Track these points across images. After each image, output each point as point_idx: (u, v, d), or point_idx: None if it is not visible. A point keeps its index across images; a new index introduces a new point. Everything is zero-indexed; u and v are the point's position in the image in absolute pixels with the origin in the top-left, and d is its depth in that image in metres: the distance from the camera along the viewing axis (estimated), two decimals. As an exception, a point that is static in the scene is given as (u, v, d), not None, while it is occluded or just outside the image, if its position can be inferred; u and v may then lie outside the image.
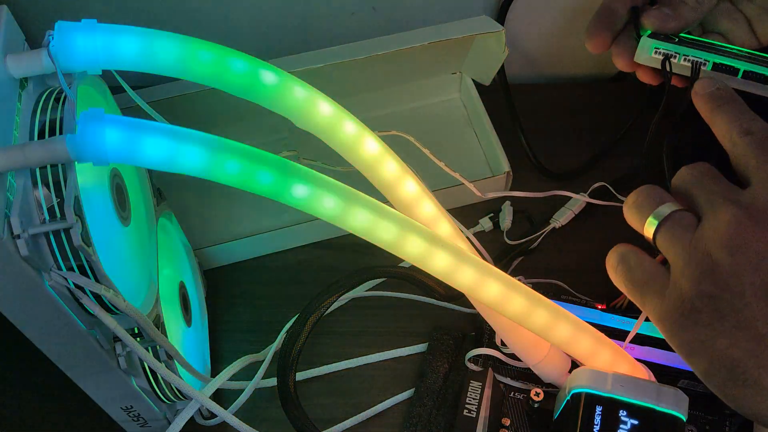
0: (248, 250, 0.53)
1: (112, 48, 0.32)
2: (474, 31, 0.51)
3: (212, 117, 0.55)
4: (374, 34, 0.62)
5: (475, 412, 0.43)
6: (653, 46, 0.43)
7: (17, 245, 0.29)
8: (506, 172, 0.54)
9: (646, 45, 0.44)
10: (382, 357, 0.48)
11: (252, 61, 0.36)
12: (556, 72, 0.66)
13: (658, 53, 0.43)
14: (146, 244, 0.41)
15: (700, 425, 0.43)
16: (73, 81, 0.32)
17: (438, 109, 0.60)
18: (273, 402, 0.46)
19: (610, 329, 0.44)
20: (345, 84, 0.56)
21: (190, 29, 0.61)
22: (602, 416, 0.37)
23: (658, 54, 0.43)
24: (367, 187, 0.40)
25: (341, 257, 0.53)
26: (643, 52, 0.44)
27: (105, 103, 0.38)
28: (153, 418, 0.43)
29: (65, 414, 0.47)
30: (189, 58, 0.34)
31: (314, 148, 0.57)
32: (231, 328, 0.50)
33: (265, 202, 0.33)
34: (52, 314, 0.33)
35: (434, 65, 0.57)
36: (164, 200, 0.45)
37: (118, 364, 0.37)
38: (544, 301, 0.37)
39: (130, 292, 0.36)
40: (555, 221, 0.53)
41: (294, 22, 0.61)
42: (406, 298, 0.51)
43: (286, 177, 0.32)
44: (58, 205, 0.31)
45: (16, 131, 0.31)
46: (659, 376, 0.40)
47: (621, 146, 0.57)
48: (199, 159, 0.31)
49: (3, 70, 0.31)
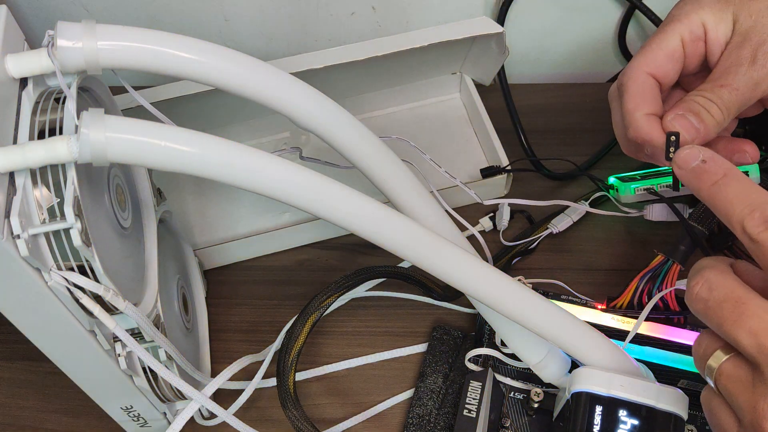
0: (248, 250, 0.53)
1: (113, 48, 0.32)
2: (474, 32, 0.51)
3: (213, 117, 0.55)
4: (374, 34, 0.62)
5: (475, 412, 0.43)
6: (633, 189, 0.49)
7: (17, 245, 0.29)
8: (506, 172, 0.54)
9: (628, 192, 0.49)
10: (382, 357, 0.48)
11: (253, 61, 0.36)
12: (556, 72, 0.66)
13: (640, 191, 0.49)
14: (146, 244, 0.41)
15: (700, 425, 0.43)
16: (73, 81, 0.32)
17: (438, 109, 0.60)
18: (273, 402, 0.46)
19: (610, 329, 0.44)
20: (345, 84, 0.56)
21: (190, 29, 0.61)
22: (602, 416, 0.37)
23: (640, 191, 0.49)
24: (368, 186, 0.40)
25: (341, 257, 0.53)
26: (627, 198, 0.50)
27: (105, 104, 0.38)
28: (153, 418, 0.43)
29: (65, 414, 0.47)
30: (190, 58, 0.34)
31: (315, 147, 0.57)
32: (231, 328, 0.50)
33: (265, 202, 0.34)
34: (52, 314, 0.33)
35: (434, 65, 0.57)
36: (164, 200, 0.45)
37: (118, 364, 0.37)
38: (544, 300, 0.37)
39: (129, 292, 0.36)
40: (553, 227, 0.53)
41: (294, 23, 0.61)
42: (406, 298, 0.51)
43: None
44: (58, 205, 0.31)
45: (16, 131, 0.31)
46: (659, 376, 0.40)
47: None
48: (199, 158, 0.31)
49: (3, 70, 0.31)
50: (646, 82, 0.41)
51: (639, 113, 0.40)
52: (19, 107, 0.32)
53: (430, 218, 0.40)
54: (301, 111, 0.37)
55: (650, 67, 0.41)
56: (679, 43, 0.41)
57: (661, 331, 0.44)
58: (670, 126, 0.39)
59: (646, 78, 0.41)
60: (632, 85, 0.41)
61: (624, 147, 0.43)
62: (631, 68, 0.41)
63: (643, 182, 0.50)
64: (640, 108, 0.40)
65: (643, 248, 0.52)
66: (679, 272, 0.45)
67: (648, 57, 0.41)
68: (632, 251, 0.52)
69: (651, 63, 0.41)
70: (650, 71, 0.41)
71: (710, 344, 0.32)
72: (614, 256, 0.52)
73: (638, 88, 0.40)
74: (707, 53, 0.41)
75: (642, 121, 0.40)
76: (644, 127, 0.40)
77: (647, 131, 0.39)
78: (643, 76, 0.41)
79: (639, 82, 0.40)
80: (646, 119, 0.40)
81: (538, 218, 0.54)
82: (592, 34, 0.63)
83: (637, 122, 0.40)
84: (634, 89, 0.40)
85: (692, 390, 0.43)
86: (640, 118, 0.40)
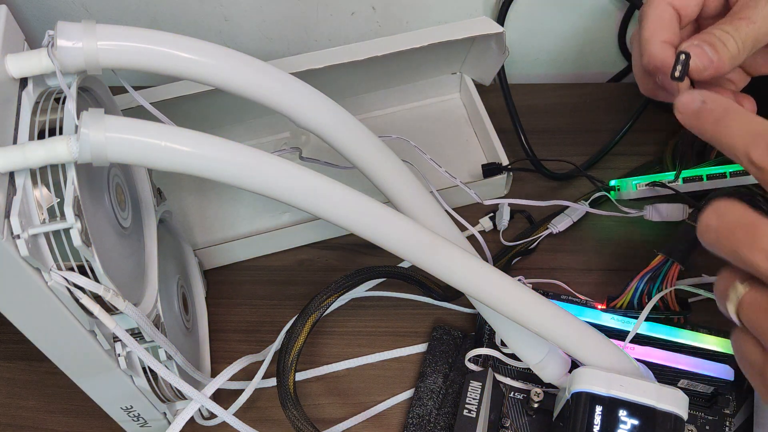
0: (248, 250, 0.53)
1: (113, 48, 0.32)
2: (474, 32, 0.51)
3: (213, 117, 0.55)
4: (374, 34, 0.62)
5: (475, 412, 0.43)
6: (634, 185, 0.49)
7: (17, 245, 0.29)
8: (505, 172, 0.54)
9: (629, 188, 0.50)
10: (382, 357, 0.48)
11: (253, 61, 0.36)
12: (557, 72, 0.66)
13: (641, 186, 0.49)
14: (146, 244, 0.41)
15: (700, 425, 0.43)
16: (73, 81, 0.32)
17: (438, 109, 0.60)
18: (273, 402, 0.46)
19: (610, 329, 0.44)
20: (345, 84, 0.56)
21: (190, 30, 0.61)
22: (602, 416, 0.37)
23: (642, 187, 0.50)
24: (368, 186, 0.40)
25: (341, 257, 0.53)
26: (629, 195, 0.50)
27: (105, 104, 0.38)
28: (153, 418, 0.43)
29: (65, 414, 0.47)
30: (190, 58, 0.34)
31: (315, 147, 0.57)
32: (231, 328, 0.50)
33: (265, 202, 0.34)
34: (52, 314, 0.33)
35: (434, 65, 0.57)
36: (164, 200, 0.45)
37: (118, 364, 0.37)
38: (544, 300, 0.37)
39: (130, 292, 0.36)
40: (553, 227, 0.53)
41: (294, 23, 0.61)
42: (406, 298, 0.51)
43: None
44: (58, 205, 0.31)
45: (16, 131, 0.31)
46: (659, 376, 0.40)
47: (621, 146, 0.57)
48: (198, 158, 0.31)
49: (3, 70, 0.31)
50: (666, 11, 0.41)
51: (655, 40, 0.40)
52: (19, 107, 0.32)
53: (430, 218, 0.40)
54: (301, 111, 0.37)
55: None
56: None
57: (661, 331, 0.44)
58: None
59: (666, 7, 0.41)
60: (651, 12, 0.41)
61: (641, 84, 0.43)
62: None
63: (644, 178, 0.50)
64: (656, 35, 0.40)
65: (643, 248, 0.52)
66: (679, 272, 0.45)
67: None
68: (632, 251, 0.52)
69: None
70: (671, 1, 0.41)
71: (728, 278, 0.32)
72: (614, 256, 0.52)
73: (657, 16, 0.40)
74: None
75: (657, 47, 0.40)
76: (658, 54, 0.40)
77: (661, 57, 0.39)
78: (663, 4, 0.41)
79: (659, 11, 0.40)
80: (661, 46, 0.40)
81: (538, 218, 0.54)
82: (592, 34, 0.63)
83: (652, 48, 0.40)
84: (653, 17, 0.40)
85: (692, 390, 0.43)
86: (655, 44, 0.40)
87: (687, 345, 0.44)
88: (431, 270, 0.35)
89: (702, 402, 0.44)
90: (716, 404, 0.44)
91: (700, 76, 0.39)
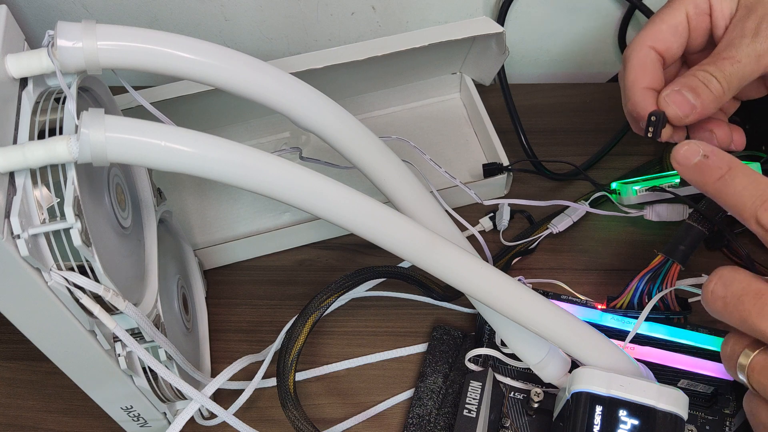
0: (248, 250, 0.53)
1: (113, 48, 0.32)
2: (474, 32, 0.51)
3: (213, 117, 0.55)
4: (374, 34, 0.62)
5: (475, 412, 0.43)
6: (635, 191, 0.49)
7: (17, 245, 0.29)
8: (506, 172, 0.54)
9: (630, 193, 0.49)
10: (382, 357, 0.48)
11: (253, 60, 0.36)
12: (556, 72, 0.66)
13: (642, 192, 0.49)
14: (146, 244, 0.41)
15: (700, 425, 0.43)
16: (73, 81, 0.32)
17: (438, 109, 0.60)
18: (273, 402, 0.46)
19: (610, 329, 0.44)
20: (345, 84, 0.56)
21: (190, 29, 0.61)
22: (602, 416, 0.37)
23: (642, 192, 0.49)
24: (368, 186, 0.40)
25: (341, 257, 0.53)
26: (629, 200, 0.50)
27: (105, 104, 0.38)
28: (153, 418, 0.43)
29: (65, 414, 0.47)
30: (190, 58, 0.34)
31: (315, 147, 0.57)
32: (231, 328, 0.50)
33: (265, 202, 0.34)
34: (52, 314, 0.33)
35: (434, 65, 0.57)
36: (164, 200, 0.45)
37: (118, 364, 0.37)
38: (544, 300, 0.37)
39: (129, 292, 0.36)
40: (553, 227, 0.53)
41: (294, 23, 0.61)
42: (406, 298, 0.51)
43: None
44: (58, 205, 0.31)
45: (16, 131, 0.31)
46: (659, 376, 0.40)
47: (621, 146, 0.57)
48: (199, 158, 0.31)
49: (3, 70, 0.31)
50: (648, 55, 0.40)
51: (637, 86, 0.40)
52: (19, 107, 0.32)
53: (430, 218, 0.40)
54: (301, 111, 0.37)
55: (653, 41, 0.41)
56: (684, 18, 0.40)
57: (661, 331, 0.44)
58: (664, 102, 0.38)
59: (648, 52, 0.40)
60: (634, 57, 0.40)
61: (631, 124, 0.43)
62: (635, 42, 0.41)
63: (645, 183, 0.50)
64: (639, 81, 0.40)
65: (643, 248, 0.52)
66: (679, 272, 0.45)
67: (652, 31, 0.41)
68: (632, 251, 0.52)
69: (654, 36, 0.41)
70: (653, 45, 0.41)
71: (737, 343, 0.32)
72: (614, 256, 0.52)
73: (639, 62, 0.40)
74: (712, 28, 0.40)
75: (639, 95, 0.40)
76: (640, 102, 0.39)
77: (642, 106, 0.39)
78: (645, 49, 0.40)
79: (641, 56, 0.40)
80: (642, 93, 0.39)
81: (538, 218, 0.54)
82: (592, 34, 0.63)
83: (634, 96, 0.40)
84: (635, 62, 0.40)
85: (692, 390, 0.43)
86: (637, 91, 0.40)
87: (687, 345, 0.43)
88: (431, 270, 0.35)
89: (702, 402, 0.44)
90: (716, 404, 0.44)
91: (682, 123, 0.38)
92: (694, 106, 0.38)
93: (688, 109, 0.38)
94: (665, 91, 0.39)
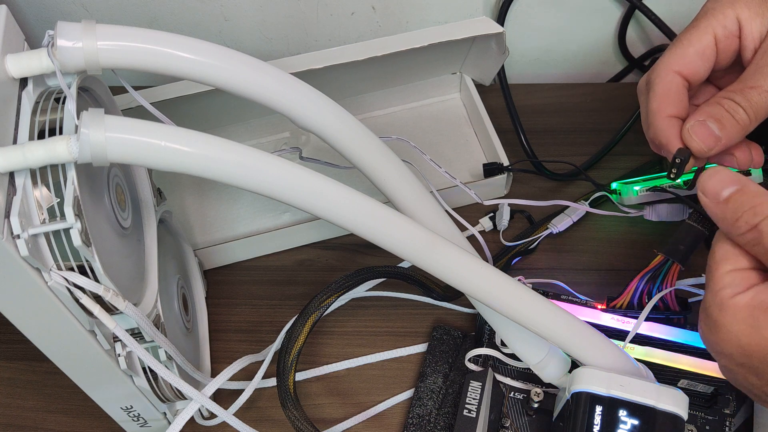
0: (248, 250, 0.53)
1: (113, 48, 0.32)
2: (474, 32, 0.51)
3: (213, 117, 0.55)
4: (374, 34, 0.62)
5: (475, 412, 0.43)
6: (636, 191, 0.49)
7: (17, 245, 0.29)
8: (506, 172, 0.54)
9: (630, 193, 0.49)
10: (382, 357, 0.48)
11: (252, 60, 0.36)
12: (556, 72, 0.66)
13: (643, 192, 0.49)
14: (146, 244, 0.41)
15: (700, 425, 0.43)
16: (73, 81, 0.32)
17: (438, 109, 0.60)
18: (273, 402, 0.46)
19: (610, 329, 0.44)
20: (345, 84, 0.56)
21: (190, 29, 0.61)
22: (602, 416, 0.37)
23: (643, 193, 0.49)
24: (368, 186, 0.40)
25: (341, 257, 0.53)
26: (630, 201, 0.49)
27: (105, 104, 0.38)
28: (153, 418, 0.43)
29: (65, 414, 0.47)
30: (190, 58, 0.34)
31: (315, 147, 0.57)
32: (231, 328, 0.50)
33: (265, 202, 0.34)
34: (52, 314, 0.33)
35: (434, 65, 0.57)
36: (164, 200, 0.45)
37: (118, 364, 0.37)
38: (544, 300, 0.37)
39: (130, 292, 0.36)
40: (553, 227, 0.53)
41: (294, 23, 0.61)
42: (406, 298, 0.51)
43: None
44: (58, 205, 0.31)
45: (16, 131, 0.31)
46: (659, 376, 0.40)
47: (621, 146, 0.57)
48: (199, 158, 0.31)
49: (3, 70, 0.31)
50: (673, 81, 0.39)
51: (661, 114, 0.39)
52: (19, 107, 0.32)
53: (430, 218, 0.40)
54: (301, 111, 0.37)
55: (679, 65, 0.39)
56: (711, 40, 0.39)
57: (661, 331, 0.44)
58: (687, 135, 0.37)
59: (673, 77, 0.39)
60: (659, 83, 0.39)
61: (651, 146, 0.42)
62: (660, 66, 0.39)
63: (645, 183, 0.50)
64: (663, 109, 0.39)
65: (643, 248, 0.52)
66: (679, 272, 0.45)
67: (678, 54, 0.39)
68: (632, 251, 0.52)
69: (680, 61, 0.39)
70: (679, 70, 0.39)
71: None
72: (614, 256, 0.52)
73: (664, 88, 0.39)
74: (741, 49, 0.39)
75: (663, 123, 0.38)
76: (664, 131, 0.38)
77: (666, 135, 0.38)
78: (671, 75, 0.39)
79: (666, 82, 0.39)
80: (667, 122, 0.38)
81: (538, 218, 0.54)
82: (593, 34, 0.63)
83: (658, 124, 0.39)
84: (660, 89, 0.39)
85: (692, 390, 0.43)
86: (661, 120, 0.38)
87: (687, 345, 0.43)
88: (431, 270, 0.35)
89: (702, 402, 0.44)
90: (716, 404, 0.44)
91: (705, 156, 0.38)
92: (719, 138, 0.37)
93: (712, 142, 0.37)
94: (689, 122, 0.37)
